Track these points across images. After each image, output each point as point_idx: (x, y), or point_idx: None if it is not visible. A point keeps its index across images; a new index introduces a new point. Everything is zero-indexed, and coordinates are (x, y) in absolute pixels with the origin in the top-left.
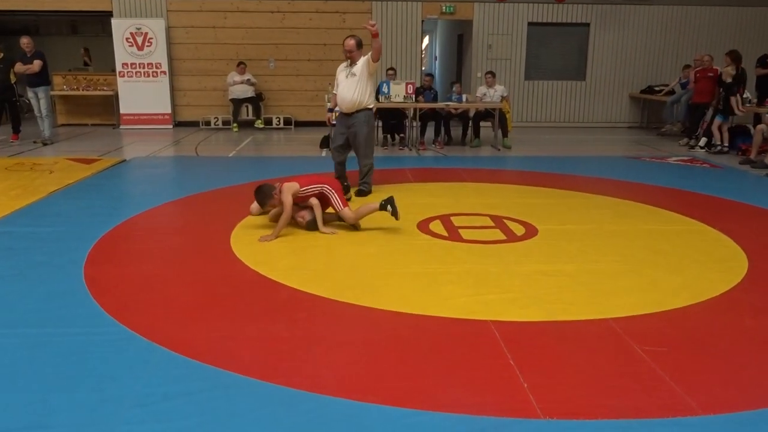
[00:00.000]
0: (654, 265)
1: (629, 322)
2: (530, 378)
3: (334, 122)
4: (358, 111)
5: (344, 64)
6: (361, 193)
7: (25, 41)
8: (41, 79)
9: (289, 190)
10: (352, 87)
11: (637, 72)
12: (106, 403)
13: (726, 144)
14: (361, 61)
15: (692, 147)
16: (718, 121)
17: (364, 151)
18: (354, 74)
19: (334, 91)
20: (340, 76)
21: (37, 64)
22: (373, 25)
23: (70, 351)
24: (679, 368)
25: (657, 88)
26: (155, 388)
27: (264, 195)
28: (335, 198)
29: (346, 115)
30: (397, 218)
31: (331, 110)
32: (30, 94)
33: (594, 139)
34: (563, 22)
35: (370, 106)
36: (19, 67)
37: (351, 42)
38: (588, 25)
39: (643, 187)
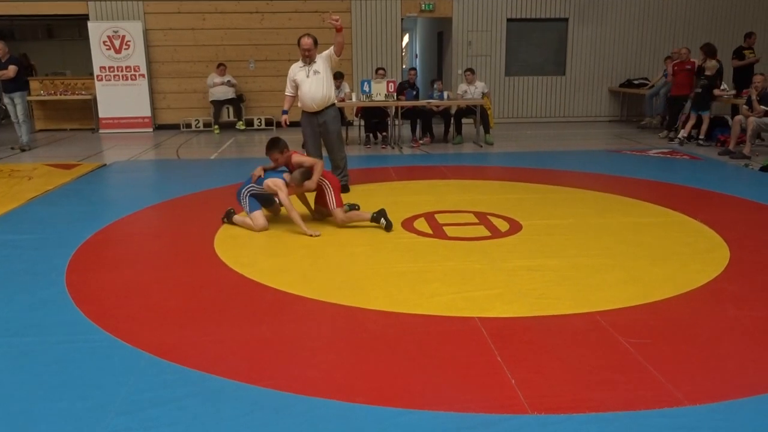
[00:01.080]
0: (637, 257)
1: (614, 315)
2: (517, 373)
3: (289, 124)
4: (327, 107)
5: (298, 64)
6: (343, 189)
7: None
8: (17, 84)
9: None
10: (320, 85)
11: (616, 66)
12: (92, 412)
13: (701, 136)
14: (322, 58)
15: (672, 139)
16: (694, 115)
17: (339, 146)
18: (317, 72)
19: (288, 93)
20: (298, 76)
21: (12, 70)
22: (336, 20)
23: (54, 359)
24: (665, 359)
25: (636, 82)
26: (141, 395)
27: (273, 146)
28: (331, 195)
29: (313, 114)
30: (390, 230)
31: (285, 112)
32: (6, 99)
33: (575, 133)
34: (542, 17)
35: (335, 101)
36: None
37: (309, 41)
38: (566, 20)
39: (625, 180)
